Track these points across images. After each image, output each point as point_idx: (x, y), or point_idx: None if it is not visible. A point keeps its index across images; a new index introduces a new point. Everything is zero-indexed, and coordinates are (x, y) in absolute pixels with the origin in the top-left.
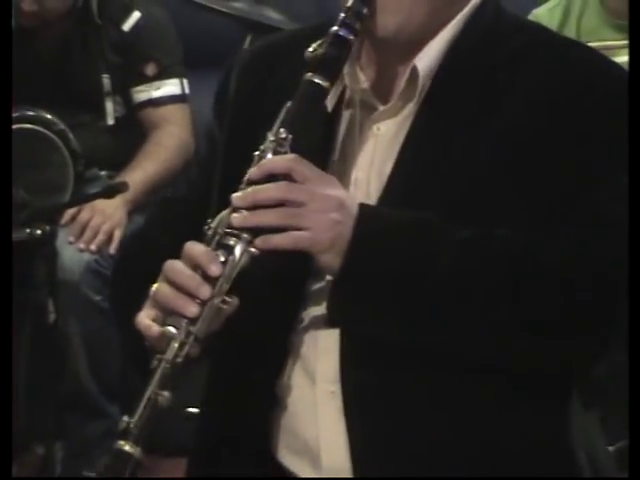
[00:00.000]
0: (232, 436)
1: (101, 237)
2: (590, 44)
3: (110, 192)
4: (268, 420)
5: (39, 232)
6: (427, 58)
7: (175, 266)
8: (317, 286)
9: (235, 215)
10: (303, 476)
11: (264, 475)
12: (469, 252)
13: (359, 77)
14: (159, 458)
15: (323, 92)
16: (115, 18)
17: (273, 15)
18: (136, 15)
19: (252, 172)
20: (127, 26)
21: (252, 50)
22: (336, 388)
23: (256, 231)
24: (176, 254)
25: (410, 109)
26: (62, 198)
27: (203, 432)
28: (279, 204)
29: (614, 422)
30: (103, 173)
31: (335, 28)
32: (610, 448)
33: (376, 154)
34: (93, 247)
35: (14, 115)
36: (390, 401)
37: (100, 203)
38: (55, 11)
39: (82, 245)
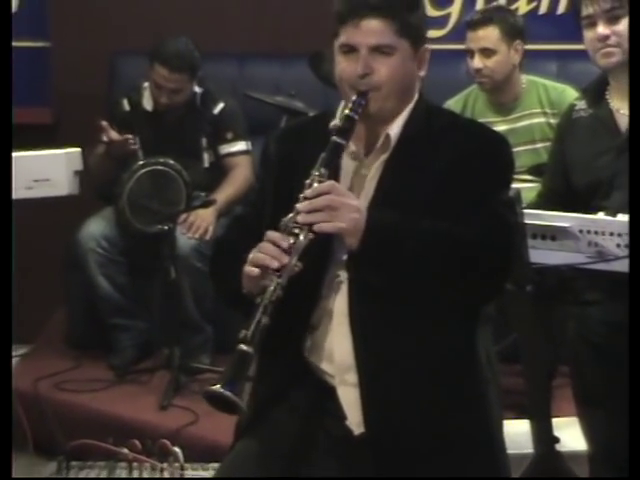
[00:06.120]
0: (278, 346)
1: (201, 231)
2: (480, 120)
3: (206, 205)
4: (303, 336)
5: (166, 228)
6: (393, 130)
7: (264, 244)
8: (336, 261)
9: (299, 216)
10: (323, 367)
11: (298, 368)
12: (430, 233)
13: (350, 145)
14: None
15: (342, 147)
16: (209, 106)
17: (299, 104)
18: (221, 104)
19: (308, 192)
20: (216, 111)
21: (284, 128)
22: (344, 319)
23: (311, 225)
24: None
25: (382, 159)
26: (179, 208)
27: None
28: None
29: (497, 332)
30: (202, 194)
31: (347, 112)
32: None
33: (364, 187)
34: (197, 236)
35: (150, 160)
36: (379, 324)
37: (200, 211)
38: (178, 103)
39: (190, 235)
